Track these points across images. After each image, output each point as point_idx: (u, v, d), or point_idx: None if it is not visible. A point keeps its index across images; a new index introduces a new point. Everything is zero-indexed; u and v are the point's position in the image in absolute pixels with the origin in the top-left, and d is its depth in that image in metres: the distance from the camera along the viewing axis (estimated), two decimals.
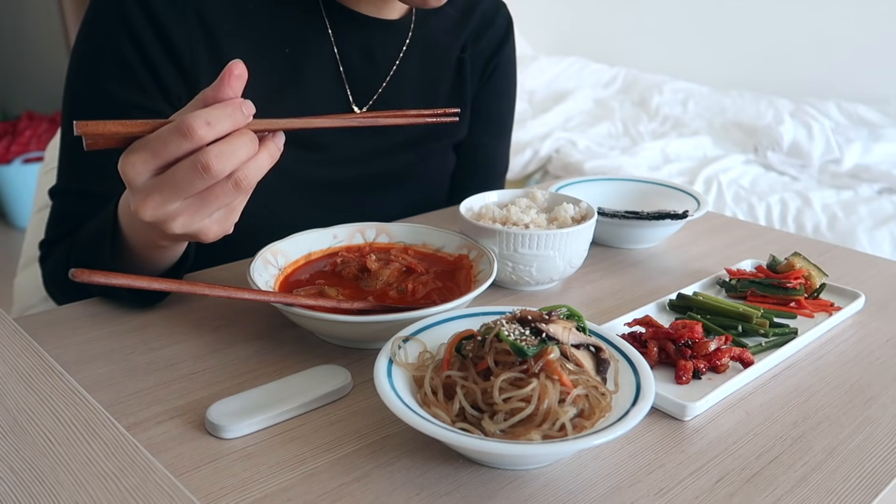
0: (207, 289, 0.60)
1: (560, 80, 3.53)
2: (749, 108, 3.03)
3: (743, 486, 0.51)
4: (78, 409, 0.45)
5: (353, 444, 0.54)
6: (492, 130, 1.12)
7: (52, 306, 0.82)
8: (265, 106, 0.86)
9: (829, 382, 0.64)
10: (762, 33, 3.23)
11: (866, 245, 2.02)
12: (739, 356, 0.64)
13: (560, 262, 0.77)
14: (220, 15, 0.83)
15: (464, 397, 0.51)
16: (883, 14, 2.88)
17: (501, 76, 1.09)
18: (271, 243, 0.74)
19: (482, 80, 1.07)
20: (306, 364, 0.64)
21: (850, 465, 0.53)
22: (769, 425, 0.58)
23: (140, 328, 0.69)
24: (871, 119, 2.73)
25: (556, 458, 0.52)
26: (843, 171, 2.39)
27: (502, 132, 1.15)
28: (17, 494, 0.38)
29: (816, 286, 0.77)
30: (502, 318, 0.54)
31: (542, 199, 0.87)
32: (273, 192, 0.90)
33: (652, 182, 1.02)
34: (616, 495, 0.50)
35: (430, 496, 0.49)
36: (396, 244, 0.80)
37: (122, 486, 0.39)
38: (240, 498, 0.48)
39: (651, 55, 3.64)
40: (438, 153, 1.05)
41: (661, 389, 0.58)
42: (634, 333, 0.67)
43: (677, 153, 2.62)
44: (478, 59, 1.05)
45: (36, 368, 0.50)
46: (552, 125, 2.94)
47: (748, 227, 1.05)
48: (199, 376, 0.62)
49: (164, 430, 0.55)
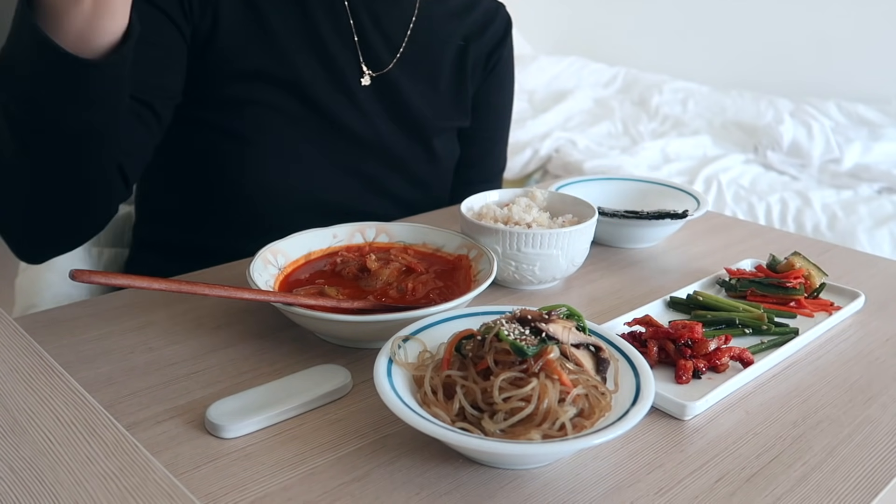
0: (207, 289, 0.60)
1: (560, 79, 3.53)
2: (749, 107, 3.03)
3: (743, 486, 0.51)
4: (78, 409, 0.45)
5: (353, 443, 0.54)
6: (491, 126, 1.15)
7: (53, 306, 0.82)
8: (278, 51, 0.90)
9: (829, 382, 0.64)
10: (762, 33, 3.23)
11: (866, 245, 2.02)
12: (739, 356, 0.64)
13: (563, 261, 0.77)
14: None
15: (464, 397, 0.51)
16: (883, 14, 2.88)
17: (501, 73, 1.12)
18: (271, 243, 0.74)
19: (484, 74, 1.10)
20: (306, 364, 0.64)
21: (850, 465, 0.53)
22: (769, 425, 0.58)
23: (140, 328, 0.69)
24: (871, 119, 2.73)
25: (555, 457, 0.52)
26: (843, 170, 2.39)
27: (501, 129, 1.18)
28: (17, 494, 0.38)
29: (816, 286, 0.77)
30: (502, 318, 0.54)
31: (541, 198, 0.87)
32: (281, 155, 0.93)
33: (652, 182, 1.02)
34: (616, 495, 0.50)
35: (430, 496, 0.49)
36: (396, 244, 0.80)
37: (122, 486, 0.39)
38: (240, 497, 0.48)
39: (651, 55, 3.64)
40: (444, 135, 1.07)
41: (660, 389, 0.58)
42: (634, 333, 0.67)
43: (677, 153, 2.62)
44: (480, 53, 1.08)
45: (36, 368, 0.50)
46: (552, 125, 2.94)
47: (748, 226, 1.05)
48: (199, 376, 0.62)
49: (163, 430, 0.55)
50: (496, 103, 1.14)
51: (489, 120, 1.13)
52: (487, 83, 1.10)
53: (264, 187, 0.92)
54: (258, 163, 0.91)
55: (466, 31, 1.06)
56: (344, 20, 0.94)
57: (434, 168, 1.06)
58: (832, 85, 3.01)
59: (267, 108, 0.90)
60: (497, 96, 1.13)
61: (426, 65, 1.02)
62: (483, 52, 1.08)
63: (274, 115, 0.91)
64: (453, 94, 1.06)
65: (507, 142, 1.21)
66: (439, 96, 1.04)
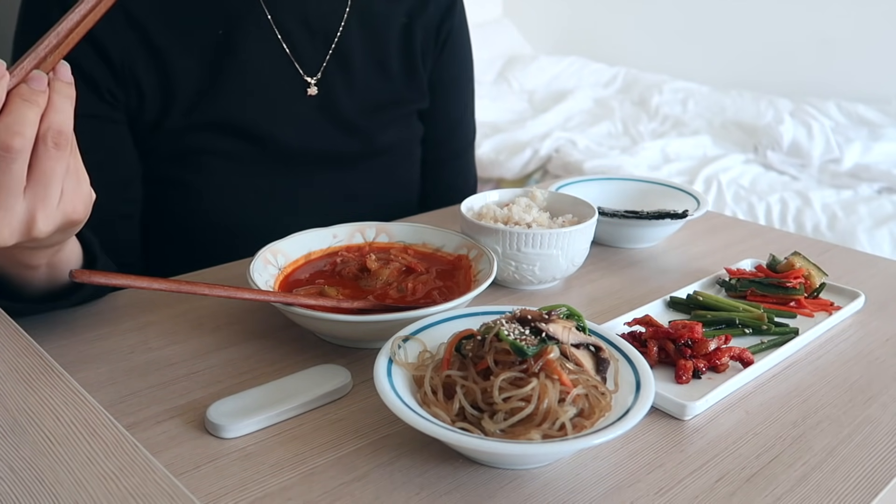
0: (207, 289, 0.60)
1: (560, 79, 3.53)
2: (749, 107, 3.03)
3: (743, 486, 0.51)
4: (78, 409, 0.45)
5: (353, 443, 0.54)
6: (455, 99, 1.10)
7: None
8: (207, 96, 0.86)
9: (829, 382, 0.64)
10: (762, 33, 3.23)
11: (866, 245, 2.02)
12: (739, 355, 0.64)
13: (563, 261, 0.77)
14: (148, 10, 0.82)
15: (464, 397, 0.51)
16: (883, 14, 2.88)
17: (454, 43, 1.07)
18: (271, 243, 0.74)
19: (436, 50, 1.05)
20: (306, 364, 0.63)
21: (850, 465, 0.53)
22: (769, 425, 0.58)
23: (140, 328, 0.69)
24: (871, 119, 2.73)
25: (555, 457, 0.52)
26: (843, 170, 2.39)
27: (465, 100, 1.13)
28: (17, 494, 0.38)
29: (816, 286, 0.77)
30: (502, 318, 0.54)
31: (541, 198, 0.87)
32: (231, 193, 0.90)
33: (652, 181, 1.02)
34: (616, 495, 0.50)
35: (430, 496, 0.49)
36: (396, 244, 0.80)
37: (122, 486, 0.39)
38: (239, 497, 0.48)
39: (651, 55, 3.64)
40: (400, 121, 1.02)
41: (660, 389, 0.58)
42: (634, 333, 0.67)
43: (677, 153, 2.62)
44: (427, 29, 1.02)
45: (36, 368, 0.50)
46: (552, 125, 2.94)
47: (748, 226, 1.05)
48: (199, 376, 0.62)
49: (163, 430, 0.55)
50: (454, 76, 1.09)
51: (451, 96, 1.09)
52: (442, 58, 1.05)
53: (214, 224, 0.90)
54: (205, 203, 0.89)
55: (407, 7, 1.00)
56: (270, 35, 0.90)
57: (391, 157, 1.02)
58: (832, 85, 3.01)
59: (204, 153, 0.88)
60: (454, 69, 1.08)
61: (368, 52, 0.97)
62: (431, 26, 1.02)
63: (213, 158, 0.88)
64: (405, 74, 1.01)
65: (473, 111, 1.16)
66: (390, 81, 1.00)
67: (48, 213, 0.52)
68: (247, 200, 0.91)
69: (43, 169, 0.51)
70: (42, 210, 0.52)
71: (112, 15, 0.78)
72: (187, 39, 0.84)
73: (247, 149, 0.90)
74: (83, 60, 0.79)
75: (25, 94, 0.50)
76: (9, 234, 0.51)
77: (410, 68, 1.02)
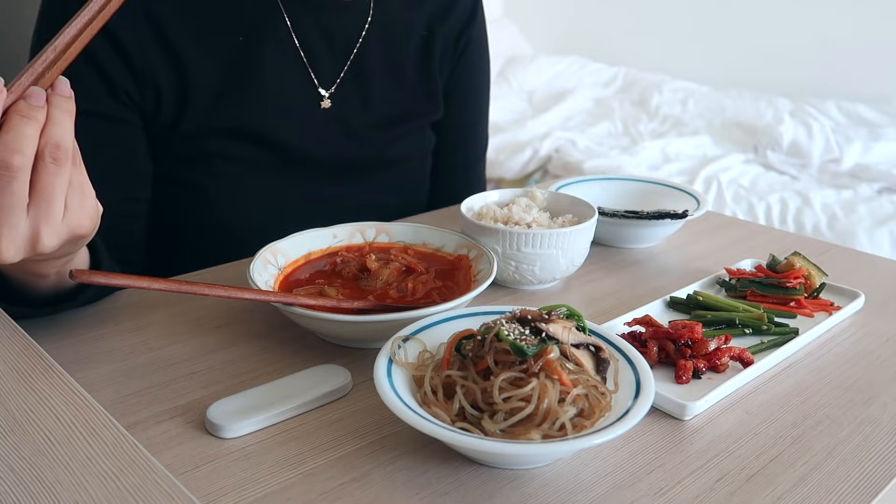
0: (207, 289, 0.60)
1: (560, 79, 3.53)
2: (749, 107, 3.03)
3: (743, 486, 0.51)
4: (78, 409, 0.45)
5: (353, 443, 0.54)
6: (469, 108, 1.11)
7: None
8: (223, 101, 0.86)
9: (829, 382, 0.64)
10: (762, 33, 3.23)
11: (866, 244, 2.02)
12: (739, 356, 0.64)
13: (563, 261, 0.77)
14: (170, 12, 0.82)
15: (464, 397, 0.51)
16: (883, 14, 2.88)
17: (473, 53, 1.07)
18: (271, 243, 0.74)
19: (454, 59, 1.05)
20: (306, 364, 0.64)
21: (850, 465, 0.53)
22: (769, 425, 0.58)
23: (140, 328, 0.69)
24: (870, 119, 2.73)
25: (555, 457, 0.52)
26: (843, 170, 2.39)
27: (480, 109, 1.13)
28: (17, 494, 0.38)
29: (816, 286, 0.77)
30: (502, 318, 0.54)
31: (541, 198, 0.87)
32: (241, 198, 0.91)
33: (652, 181, 1.02)
34: (616, 495, 0.50)
35: (430, 496, 0.49)
36: (396, 244, 0.80)
37: (122, 486, 0.39)
38: (239, 497, 0.48)
39: (651, 55, 3.63)
40: (413, 133, 1.03)
41: (660, 389, 0.58)
42: (634, 333, 0.67)
43: (677, 153, 2.62)
44: (447, 38, 1.03)
45: (36, 368, 0.50)
46: (552, 124, 2.94)
47: (748, 226, 1.05)
48: (199, 376, 0.62)
49: (163, 430, 0.55)
50: (471, 86, 1.09)
51: (466, 105, 1.09)
52: (459, 68, 1.06)
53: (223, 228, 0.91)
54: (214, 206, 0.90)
55: (428, 18, 1.00)
56: (289, 44, 0.89)
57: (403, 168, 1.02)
58: (832, 85, 3.01)
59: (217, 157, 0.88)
60: (471, 79, 1.08)
61: (386, 65, 0.97)
62: (450, 36, 1.02)
63: (226, 162, 0.88)
64: (421, 87, 1.01)
65: (487, 121, 1.16)
66: (405, 94, 1.00)
67: (52, 228, 0.52)
68: (256, 206, 0.91)
69: (44, 184, 0.50)
70: (46, 226, 0.51)
71: (133, 16, 0.79)
72: (207, 43, 0.84)
73: (259, 155, 0.90)
74: (105, 62, 0.79)
75: (24, 111, 0.49)
76: (14, 252, 0.51)
77: (427, 80, 1.02)
